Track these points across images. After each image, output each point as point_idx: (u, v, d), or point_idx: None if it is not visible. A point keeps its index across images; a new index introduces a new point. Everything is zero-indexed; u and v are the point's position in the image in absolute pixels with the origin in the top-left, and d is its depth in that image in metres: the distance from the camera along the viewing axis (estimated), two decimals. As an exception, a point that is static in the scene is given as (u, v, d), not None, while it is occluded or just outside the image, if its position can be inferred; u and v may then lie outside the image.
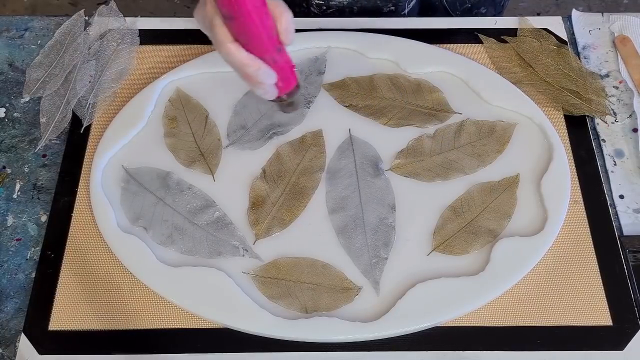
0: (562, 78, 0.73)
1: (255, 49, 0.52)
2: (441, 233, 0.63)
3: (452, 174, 0.67)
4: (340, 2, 0.81)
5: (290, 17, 0.53)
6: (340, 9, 0.82)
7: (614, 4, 1.75)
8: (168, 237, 0.63)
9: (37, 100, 0.73)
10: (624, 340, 0.58)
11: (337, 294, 0.60)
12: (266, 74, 0.54)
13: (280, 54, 0.55)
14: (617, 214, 0.65)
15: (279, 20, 0.52)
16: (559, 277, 0.61)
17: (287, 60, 0.56)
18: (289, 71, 0.57)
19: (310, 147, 0.69)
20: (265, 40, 0.52)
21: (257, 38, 0.52)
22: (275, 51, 0.54)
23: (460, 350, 0.58)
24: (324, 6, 0.82)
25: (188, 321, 0.59)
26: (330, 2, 0.82)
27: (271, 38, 0.53)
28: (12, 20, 0.80)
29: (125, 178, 0.67)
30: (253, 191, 0.66)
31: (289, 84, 0.58)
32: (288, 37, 0.53)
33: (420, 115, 0.71)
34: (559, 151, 0.67)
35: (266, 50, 0.53)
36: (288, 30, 0.53)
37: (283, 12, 0.53)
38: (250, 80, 0.54)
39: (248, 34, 0.51)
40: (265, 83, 0.55)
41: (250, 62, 0.52)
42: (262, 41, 0.52)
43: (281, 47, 0.54)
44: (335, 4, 0.82)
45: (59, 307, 0.60)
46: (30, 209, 0.66)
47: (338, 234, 0.63)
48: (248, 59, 0.52)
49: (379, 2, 0.82)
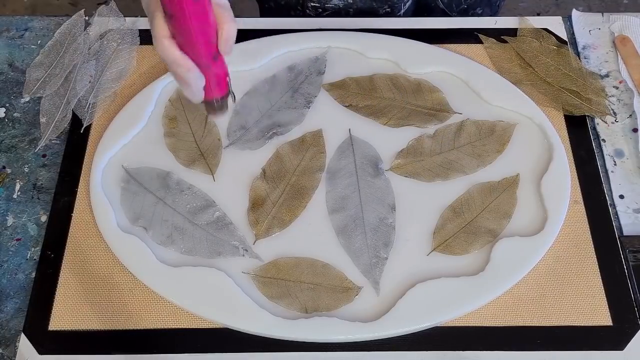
0: (562, 78, 0.73)
1: (190, 51, 0.52)
2: (441, 233, 0.63)
3: (452, 174, 0.67)
4: (336, 4, 0.81)
5: (233, 28, 0.52)
6: (335, 11, 0.82)
7: (614, 4, 1.75)
8: (168, 237, 0.63)
9: (37, 100, 0.73)
10: (624, 340, 0.58)
11: (337, 294, 0.60)
12: (195, 77, 0.53)
13: (216, 62, 0.53)
14: (617, 214, 0.65)
15: (221, 29, 0.51)
16: (559, 277, 0.61)
17: (222, 68, 0.55)
18: (222, 79, 0.55)
19: (310, 147, 0.69)
20: (201, 45, 0.51)
21: (193, 41, 0.51)
22: (210, 58, 0.53)
23: (460, 350, 0.58)
24: (319, 9, 0.82)
25: (188, 321, 0.59)
26: (326, 5, 0.82)
27: (209, 45, 0.52)
28: (12, 20, 0.80)
29: (125, 178, 0.67)
30: (253, 191, 0.66)
31: (218, 91, 0.56)
32: (227, 47, 0.52)
33: (420, 115, 0.71)
34: (559, 151, 0.67)
35: (201, 56, 0.52)
36: (228, 40, 0.52)
37: (227, 22, 0.51)
38: (179, 80, 0.54)
39: (185, 36, 0.51)
40: (193, 86, 0.54)
41: (182, 62, 0.51)
42: (198, 46, 0.51)
43: (218, 55, 0.53)
44: (331, 7, 0.82)
45: (59, 307, 0.60)
46: (30, 209, 0.66)
47: (338, 234, 0.63)
48: (181, 59, 0.51)
49: (374, 4, 0.82)
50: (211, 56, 0.52)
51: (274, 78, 0.74)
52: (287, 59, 0.75)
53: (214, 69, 0.54)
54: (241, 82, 0.73)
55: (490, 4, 0.88)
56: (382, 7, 0.82)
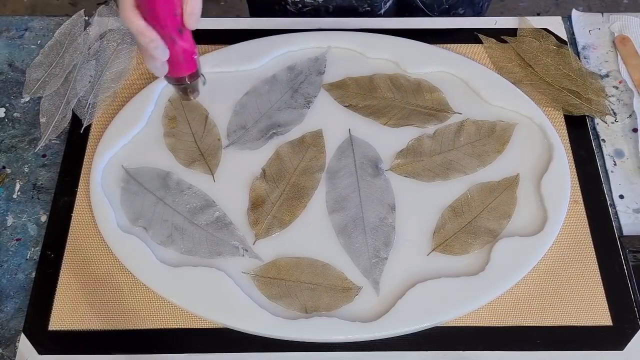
0: (562, 78, 0.73)
1: (153, 22, 0.52)
2: (441, 233, 0.63)
3: (452, 174, 0.67)
4: (316, 0, 0.82)
5: (198, 3, 0.53)
6: (315, 8, 0.83)
7: (614, 4, 1.75)
8: (168, 237, 0.63)
9: (37, 100, 0.73)
10: (624, 340, 0.58)
11: (337, 294, 0.60)
12: (159, 48, 0.53)
13: (182, 36, 0.54)
14: (617, 214, 0.65)
15: (185, 3, 0.52)
16: (559, 277, 0.61)
17: (189, 43, 0.55)
18: (188, 56, 0.56)
19: (310, 147, 0.69)
20: (164, 16, 0.52)
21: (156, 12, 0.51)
22: (175, 31, 0.53)
23: (460, 350, 0.58)
24: (299, 4, 0.83)
25: (188, 321, 0.59)
26: (306, 1, 0.82)
27: (173, 17, 0.52)
28: (12, 20, 0.80)
29: (125, 178, 0.67)
30: (253, 191, 0.66)
31: (186, 68, 0.56)
32: (192, 20, 0.53)
33: (420, 115, 0.71)
34: (559, 151, 0.67)
35: (164, 27, 0.52)
36: (193, 14, 0.52)
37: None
38: (144, 52, 0.54)
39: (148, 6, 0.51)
40: (157, 58, 0.54)
41: (146, 32, 0.52)
42: (161, 17, 0.52)
43: (184, 30, 0.54)
44: (311, 3, 0.82)
45: (59, 307, 0.60)
46: (30, 209, 0.66)
47: (338, 234, 0.63)
48: (144, 29, 0.52)
49: (354, 2, 0.82)
50: (176, 29, 0.53)
51: (273, 78, 0.74)
52: (287, 59, 0.75)
53: (180, 43, 0.54)
54: (241, 82, 0.73)
55: (472, 4, 0.88)
56: (362, 5, 0.82)
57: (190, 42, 0.55)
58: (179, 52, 0.55)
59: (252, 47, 0.75)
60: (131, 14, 0.51)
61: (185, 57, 0.56)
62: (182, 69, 0.56)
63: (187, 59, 0.56)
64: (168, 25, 0.52)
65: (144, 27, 0.52)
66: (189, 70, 0.57)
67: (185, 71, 0.57)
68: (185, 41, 0.55)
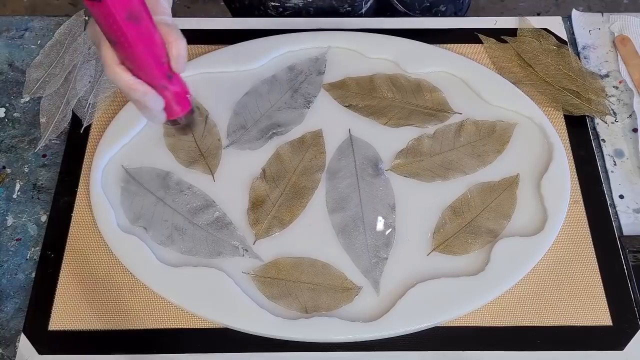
0: (562, 78, 0.73)
1: (142, 74, 0.50)
2: (441, 233, 0.63)
3: (452, 174, 0.67)
4: (296, 3, 0.82)
5: (182, 45, 0.51)
6: (296, 11, 0.83)
7: (614, 4, 1.75)
8: (168, 237, 0.63)
9: (37, 100, 0.73)
10: (624, 340, 0.58)
11: (337, 294, 0.60)
12: (153, 99, 0.51)
13: (172, 81, 0.52)
14: (617, 214, 0.65)
15: (170, 48, 0.50)
16: (559, 277, 0.61)
17: (180, 86, 0.54)
18: (182, 97, 0.54)
19: (310, 147, 0.69)
20: (152, 67, 0.50)
21: (143, 65, 0.50)
22: (165, 78, 0.52)
23: (460, 350, 0.58)
24: (280, 8, 0.83)
25: (188, 321, 0.59)
26: (286, 4, 0.82)
27: (160, 65, 0.51)
28: (12, 20, 0.80)
29: (125, 178, 0.67)
30: (253, 191, 0.66)
31: (181, 109, 0.55)
32: (179, 64, 0.51)
33: (420, 115, 0.71)
34: (559, 151, 0.67)
35: (154, 77, 0.51)
36: (179, 58, 0.51)
37: (176, 39, 0.50)
38: (137, 105, 0.53)
39: (134, 61, 0.49)
40: (153, 109, 0.52)
41: (137, 86, 0.50)
42: (148, 69, 0.50)
43: (173, 74, 0.52)
44: (291, 6, 0.82)
45: (59, 307, 0.60)
46: (30, 209, 0.66)
47: (338, 234, 0.63)
48: (135, 84, 0.50)
49: (334, 3, 0.82)
50: (165, 76, 0.51)
51: (273, 78, 0.74)
52: (287, 59, 0.75)
53: (172, 88, 0.53)
54: (241, 82, 0.73)
55: (454, 1, 0.87)
56: (342, 5, 0.82)
57: (181, 84, 0.54)
58: (172, 96, 0.53)
59: (252, 47, 0.75)
60: (117, 71, 0.50)
61: (179, 100, 0.54)
62: (177, 111, 0.55)
63: (180, 102, 0.54)
64: (156, 75, 0.51)
65: (134, 81, 0.50)
66: (184, 111, 0.55)
67: (181, 112, 0.55)
68: (176, 84, 0.53)
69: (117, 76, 0.50)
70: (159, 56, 0.50)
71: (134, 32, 0.47)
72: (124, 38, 0.47)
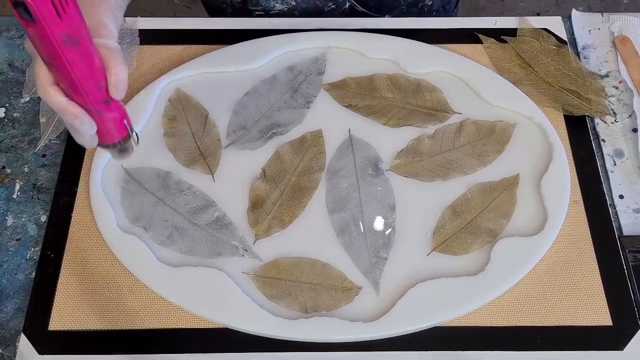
0: (562, 78, 0.73)
1: (76, 97, 0.48)
2: (441, 233, 0.63)
3: (452, 174, 0.67)
4: (280, 9, 0.82)
5: (123, 71, 0.49)
6: (280, 16, 0.83)
7: (614, 4, 1.75)
8: (168, 237, 0.63)
9: (37, 100, 0.73)
10: (624, 340, 0.58)
11: (337, 294, 0.60)
12: (85, 123, 0.49)
13: (109, 106, 0.50)
14: (617, 214, 0.65)
15: (109, 74, 0.48)
16: (559, 277, 0.61)
17: (118, 112, 0.52)
18: (118, 122, 0.52)
19: (310, 147, 0.69)
20: (88, 93, 0.48)
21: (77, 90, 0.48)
22: (101, 104, 0.49)
23: (461, 350, 0.58)
24: (264, 16, 0.83)
25: (188, 321, 0.59)
26: (271, 12, 0.82)
27: (97, 90, 0.49)
28: (12, 20, 0.80)
29: (125, 178, 0.67)
30: (253, 191, 0.66)
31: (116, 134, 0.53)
32: (118, 91, 0.49)
33: (420, 115, 0.71)
34: (559, 151, 0.67)
35: (87, 102, 0.49)
36: (118, 85, 0.49)
37: (116, 65, 0.49)
38: (69, 128, 0.51)
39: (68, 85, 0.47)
40: (83, 133, 0.51)
41: (69, 108, 0.48)
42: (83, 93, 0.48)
43: (110, 100, 0.50)
44: (275, 13, 0.82)
45: (59, 307, 0.60)
46: (30, 209, 0.66)
47: (338, 234, 0.63)
48: (67, 106, 0.48)
49: (318, 3, 0.82)
50: (101, 101, 0.49)
51: (273, 78, 0.74)
52: (287, 59, 0.75)
53: (108, 114, 0.51)
54: (241, 82, 0.73)
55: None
56: (326, 4, 0.82)
57: (119, 109, 0.52)
58: (108, 122, 0.51)
59: (252, 47, 0.75)
60: (50, 91, 0.48)
61: (114, 125, 0.52)
62: (112, 136, 0.53)
63: (115, 127, 0.52)
64: (92, 100, 0.49)
65: (67, 104, 0.48)
66: (120, 135, 0.53)
67: (117, 137, 0.53)
68: (114, 110, 0.51)
69: (50, 97, 0.48)
70: (97, 81, 0.48)
71: (70, 55, 0.45)
72: (59, 61, 0.45)
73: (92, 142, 0.53)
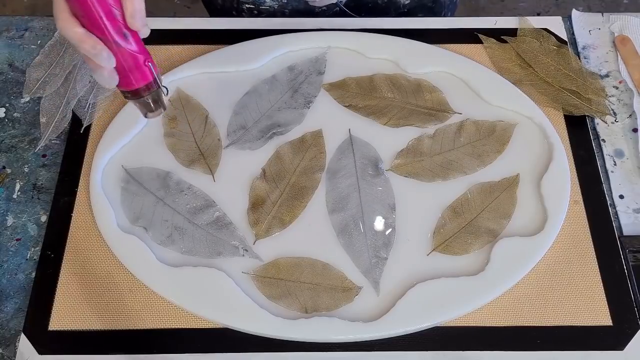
0: (562, 78, 0.73)
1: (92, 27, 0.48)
2: (441, 233, 0.63)
3: (452, 174, 0.67)
4: (270, 6, 0.82)
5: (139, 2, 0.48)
6: (271, 13, 0.83)
7: (614, 4, 1.75)
8: (168, 237, 0.63)
9: (37, 100, 0.73)
10: (624, 340, 0.58)
11: (337, 294, 0.60)
12: (102, 54, 0.48)
13: (128, 41, 0.49)
14: (617, 214, 0.65)
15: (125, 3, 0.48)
16: (559, 277, 0.61)
17: (139, 49, 0.50)
18: (140, 62, 0.51)
19: (310, 147, 0.69)
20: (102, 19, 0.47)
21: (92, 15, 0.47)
22: (119, 34, 0.48)
23: (460, 350, 0.58)
24: (255, 10, 0.83)
25: (188, 321, 0.59)
26: (261, 7, 0.82)
27: (113, 19, 0.48)
28: (12, 20, 0.80)
29: (125, 178, 0.67)
30: (253, 191, 0.66)
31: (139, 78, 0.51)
32: (135, 22, 0.48)
33: (420, 115, 0.71)
34: (559, 151, 0.67)
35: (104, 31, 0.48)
36: (134, 15, 0.48)
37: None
38: (88, 62, 0.50)
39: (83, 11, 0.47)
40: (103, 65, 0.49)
41: (85, 38, 0.47)
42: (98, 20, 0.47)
43: (129, 33, 0.49)
44: (265, 9, 0.82)
45: (59, 307, 0.60)
46: (30, 209, 0.66)
47: (338, 234, 0.63)
48: (83, 35, 0.47)
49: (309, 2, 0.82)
50: (119, 32, 0.49)
51: (273, 78, 0.74)
52: (287, 59, 0.75)
53: (127, 48, 0.49)
54: (241, 82, 0.73)
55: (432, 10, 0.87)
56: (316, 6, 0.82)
57: (140, 47, 0.50)
58: (127, 59, 0.50)
59: (252, 47, 0.75)
60: (67, 23, 0.47)
61: (136, 65, 0.51)
62: (134, 78, 0.51)
63: (137, 67, 0.51)
64: (108, 28, 0.48)
65: (83, 33, 0.48)
66: (143, 80, 0.51)
67: (139, 81, 0.51)
68: (133, 45, 0.50)
69: (66, 27, 0.47)
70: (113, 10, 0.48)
71: None
72: None
73: (111, 80, 0.51)
